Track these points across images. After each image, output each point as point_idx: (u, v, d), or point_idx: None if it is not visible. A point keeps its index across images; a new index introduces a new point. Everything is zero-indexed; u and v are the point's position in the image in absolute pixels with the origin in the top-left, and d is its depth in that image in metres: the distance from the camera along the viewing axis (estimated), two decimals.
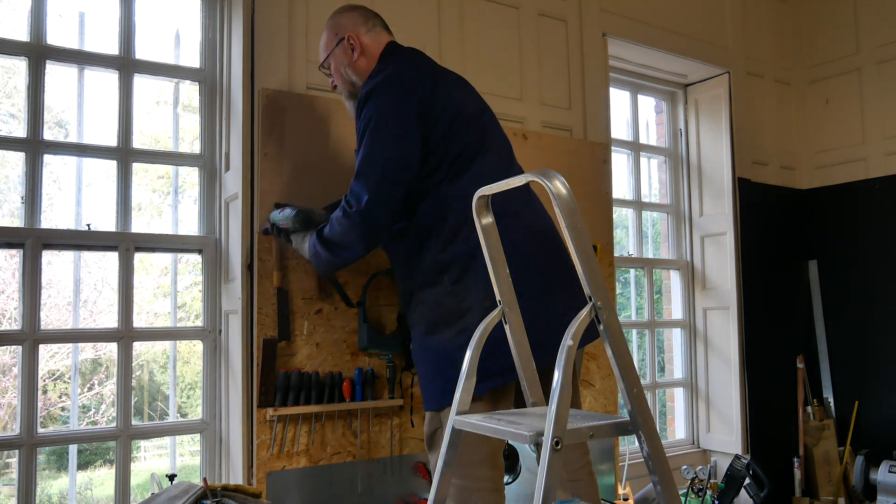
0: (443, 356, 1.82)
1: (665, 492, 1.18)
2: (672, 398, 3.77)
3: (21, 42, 2.16)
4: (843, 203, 3.78)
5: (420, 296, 1.89)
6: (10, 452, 2.73)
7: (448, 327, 1.83)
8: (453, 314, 1.82)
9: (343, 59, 2.05)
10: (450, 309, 1.83)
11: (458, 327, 1.80)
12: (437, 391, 1.84)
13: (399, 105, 1.86)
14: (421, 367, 1.91)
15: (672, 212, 3.75)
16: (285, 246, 2.17)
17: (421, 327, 1.89)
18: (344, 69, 2.05)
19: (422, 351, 1.90)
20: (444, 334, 1.83)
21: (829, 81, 3.88)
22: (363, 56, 2.03)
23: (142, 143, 6.82)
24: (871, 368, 3.62)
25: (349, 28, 2.04)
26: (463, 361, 1.76)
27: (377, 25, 2.08)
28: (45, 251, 2.14)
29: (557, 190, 1.19)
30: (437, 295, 1.85)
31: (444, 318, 1.83)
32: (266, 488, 2.11)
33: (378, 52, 2.03)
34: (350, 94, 2.07)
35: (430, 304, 1.87)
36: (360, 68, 2.03)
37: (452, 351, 1.79)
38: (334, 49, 2.06)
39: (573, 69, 3.07)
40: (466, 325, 1.79)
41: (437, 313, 1.85)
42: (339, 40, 2.04)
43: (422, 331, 1.89)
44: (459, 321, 1.81)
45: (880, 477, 3.25)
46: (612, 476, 2.89)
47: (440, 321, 1.84)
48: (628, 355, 1.20)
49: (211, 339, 2.37)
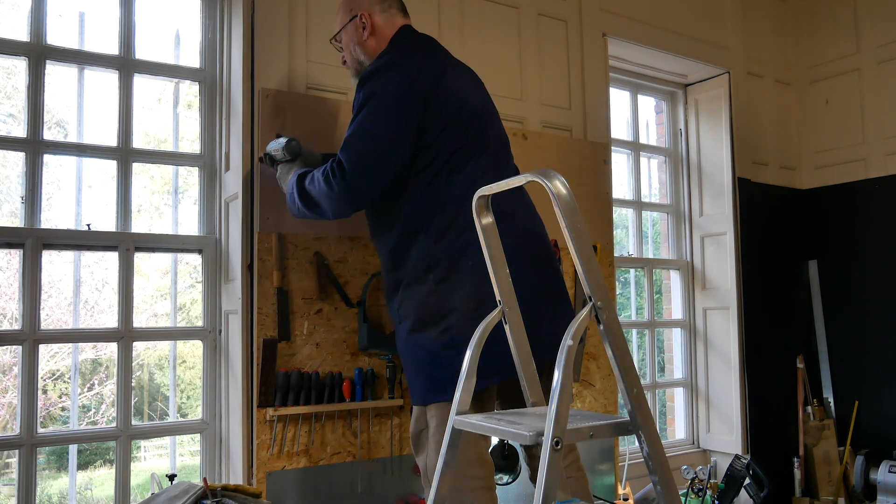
0: (427, 354, 1.83)
1: (665, 492, 1.18)
2: (672, 398, 3.77)
3: (21, 42, 2.16)
4: (843, 203, 3.78)
5: (407, 291, 1.88)
6: (10, 452, 2.74)
7: (432, 326, 1.83)
8: (437, 314, 1.82)
9: (353, 36, 2.03)
10: (434, 308, 1.83)
11: (441, 327, 1.81)
12: (421, 387, 1.85)
13: (400, 89, 1.84)
14: (406, 362, 1.92)
15: (672, 212, 3.75)
16: (274, 182, 2.16)
17: (407, 324, 1.88)
18: (353, 47, 2.04)
19: (407, 347, 1.90)
20: (429, 333, 1.83)
21: (829, 81, 3.88)
22: (373, 36, 2.01)
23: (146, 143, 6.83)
24: (871, 368, 3.62)
25: (364, 6, 2.02)
26: (447, 360, 1.77)
27: (393, 7, 2.05)
28: (45, 251, 2.14)
29: (557, 190, 1.19)
30: (423, 293, 1.85)
31: (429, 317, 1.83)
32: (266, 488, 2.11)
33: (390, 35, 2.01)
34: (356, 73, 2.06)
35: (416, 301, 1.86)
36: (369, 48, 2.01)
37: (437, 350, 1.80)
38: (346, 25, 2.04)
39: (573, 69, 3.07)
40: (450, 325, 1.79)
41: (423, 312, 1.84)
42: (352, 17, 2.03)
43: (408, 327, 1.88)
44: (443, 321, 1.81)
45: (880, 477, 3.25)
46: (612, 476, 2.89)
47: (425, 320, 1.84)
48: (628, 355, 1.20)
49: (211, 339, 2.37)
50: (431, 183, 1.86)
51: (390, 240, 1.92)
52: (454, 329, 1.79)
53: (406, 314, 1.89)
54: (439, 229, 1.83)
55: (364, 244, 2.35)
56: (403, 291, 1.89)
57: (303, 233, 2.25)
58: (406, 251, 1.88)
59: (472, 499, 1.73)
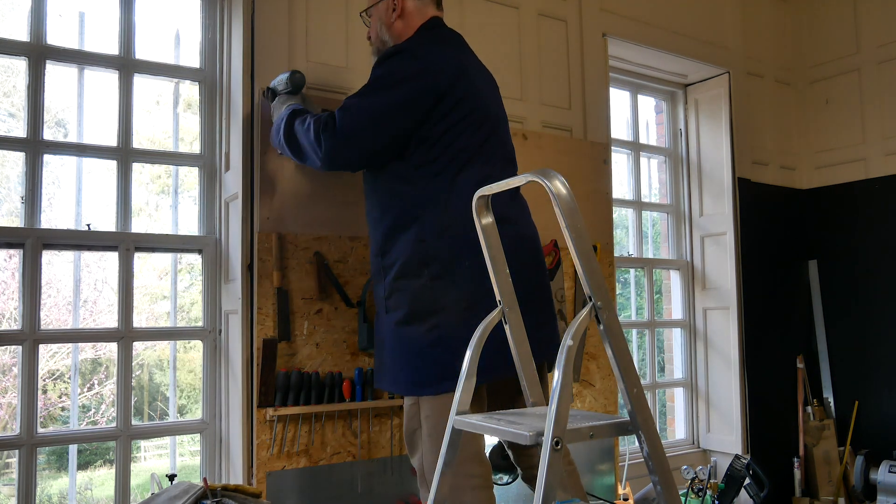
0: (414, 348, 1.83)
1: (665, 492, 1.18)
2: (672, 398, 3.77)
3: (21, 42, 2.16)
4: (843, 203, 3.78)
5: (399, 283, 1.87)
6: (10, 452, 2.73)
7: (421, 322, 1.82)
8: (427, 310, 1.82)
9: (383, 15, 2.03)
10: (425, 304, 1.82)
11: (430, 323, 1.81)
12: (405, 379, 1.85)
13: (411, 76, 1.84)
14: (390, 352, 1.91)
15: (672, 212, 3.75)
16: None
17: (397, 315, 1.87)
18: (380, 26, 2.04)
19: (394, 338, 1.89)
20: (418, 328, 1.83)
21: (829, 81, 3.88)
22: (401, 20, 2.00)
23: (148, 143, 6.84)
24: (871, 368, 3.62)
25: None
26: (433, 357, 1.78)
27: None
28: (45, 251, 2.14)
29: (557, 190, 1.19)
30: (416, 287, 1.84)
31: (419, 313, 1.83)
32: (266, 488, 2.11)
33: (418, 23, 2.00)
34: (377, 51, 2.06)
35: (408, 295, 1.85)
36: (395, 31, 2.01)
37: (424, 346, 1.80)
38: (379, 2, 2.04)
39: (573, 69, 3.07)
40: (438, 323, 1.79)
41: (414, 306, 1.84)
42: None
43: (397, 318, 1.87)
44: (432, 318, 1.81)
45: (880, 477, 3.25)
46: (612, 476, 2.89)
47: (415, 314, 1.84)
48: (628, 355, 1.20)
49: (211, 339, 2.37)
50: (436, 178, 1.85)
51: (384, 223, 1.92)
52: (442, 327, 1.79)
53: (396, 305, 1.88)
54: (440, 225, 1.83)
55: (364, 244, 2.35)
56: (395, 282, 1.88)
57: (303, 233, 2.25)
58: (398, 240, 1.87)
59: (470, 497, 1.73)
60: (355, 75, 2.43)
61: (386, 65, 1.89)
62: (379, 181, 1.95)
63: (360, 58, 2.45)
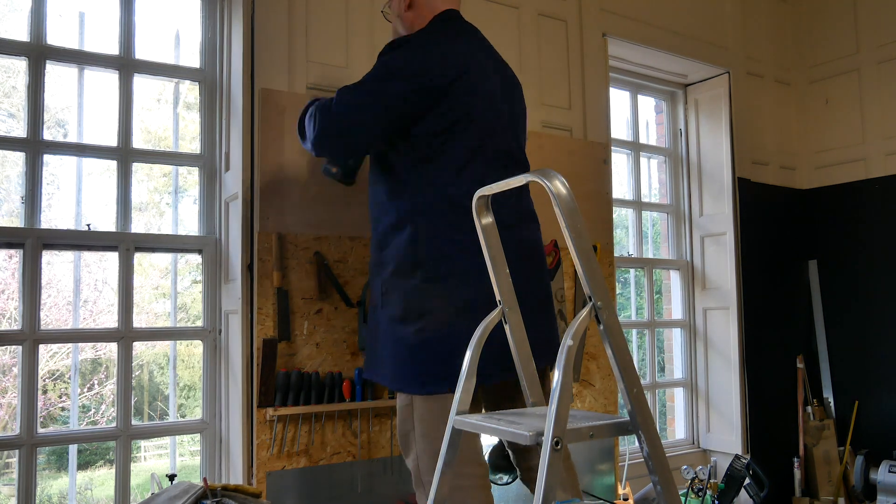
0: (404, 346, 1.82)
1: (665, 492, 1.18)
2: (672, 398, 3.77)
3: (21, 42, 2.16)
4: (843, 203, 3.78)
5: (394, 281, 1.86)
6: (10, 452, 2.74)
7: (410, 323, 1.81)
8: (416, 311, 1.81)
9: (396, 7, 2.02)
10: (415, 305, 1.81)
11: (417, 325, 1.79)
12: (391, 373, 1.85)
13: (408, 76, 1.81)
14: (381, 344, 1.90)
15: (672, 212, 3.75)
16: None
17: (393, 311, 1.86)
18: (395, 18, 2.03)
19: (386, 332, 1.88)
20: (407, 328, 1.82)
21: (829, 81, 3.88)
22: (411, 10, 1.98)
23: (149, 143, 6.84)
24: (871, 368, 3.62)
25: None
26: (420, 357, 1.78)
27: None
28: (45, 251, 2.14)
29: (557, 190, 1.19)
30: (409, 287, 1.83)
31: (409, 313, 1.82)
32: (266, 488, 2.11)
33: (430, 15, 1.96)
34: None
35: (401, 293, 1.85)
36: (406, 21, 1.99)
37: (412, 346, 1.80)
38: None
39: (573, 69, 3.07)
40: (425, 326, 1.78)
41: (405, 306, 1.83)
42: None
43: (392, 314, 1.86)
44: (420, 320, 1.79)
45: (880, 477, 3.25)
46: (612, 476, 2.90)
47: (406, 314, 1.83)
48: (628, 355, 1.20)
49: (211, 339, 2.37)
50: (433, 178, 1.83)
51: (383, 223, 1.90)
52: (428, 330, 1.78)
53: (392, 302, 1.87)
54: (435, 229, 1.81)
55: (364, 244, 2.35)
56: (391, 279, 1.87)
57: (303, 233, 2.25)
58: (395, 239, 1.86)
59: (469, 497, 1.73)
60: (355, 75, 2.42)
61: (387, 56, 1.87)
62: (378, 180, 1.94)
63: (360, 58, 2.45)
